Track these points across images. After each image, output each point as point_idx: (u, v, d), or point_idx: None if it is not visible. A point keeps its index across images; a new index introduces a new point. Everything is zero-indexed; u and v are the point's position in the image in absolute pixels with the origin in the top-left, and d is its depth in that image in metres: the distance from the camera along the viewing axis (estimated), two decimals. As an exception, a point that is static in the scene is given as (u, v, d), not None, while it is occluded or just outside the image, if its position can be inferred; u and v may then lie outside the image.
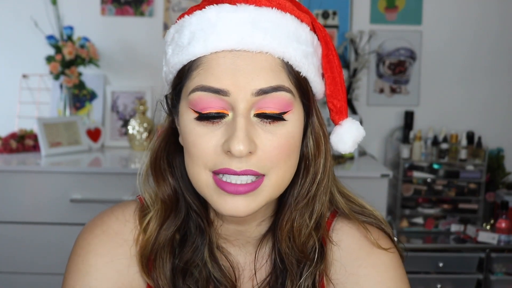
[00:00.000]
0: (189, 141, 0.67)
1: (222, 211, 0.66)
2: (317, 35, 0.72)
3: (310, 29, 0.70)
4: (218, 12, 0.65)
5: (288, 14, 0.68)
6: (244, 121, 0.64)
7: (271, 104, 0.65)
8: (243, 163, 0.64)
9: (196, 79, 0.66)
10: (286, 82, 0.66)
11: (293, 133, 0.67)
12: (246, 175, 0.65)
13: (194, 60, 0.66)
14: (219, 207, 0.66)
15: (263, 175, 0.66)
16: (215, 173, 0.66)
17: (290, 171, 0.69)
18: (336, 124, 0.74)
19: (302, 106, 0.70)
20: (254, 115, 0.65)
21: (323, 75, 0.73)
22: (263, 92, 0.64)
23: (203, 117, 0.65)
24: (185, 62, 0.67)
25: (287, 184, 0.71)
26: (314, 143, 0.73)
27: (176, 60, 0.68)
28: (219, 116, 0.65)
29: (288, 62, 0.67)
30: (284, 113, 0.66)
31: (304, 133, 0.72)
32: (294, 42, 0.67)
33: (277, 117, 0.66)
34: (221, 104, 0.64)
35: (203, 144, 0.65)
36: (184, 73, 0.68)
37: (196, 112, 0.66)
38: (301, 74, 0.68)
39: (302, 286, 0.72)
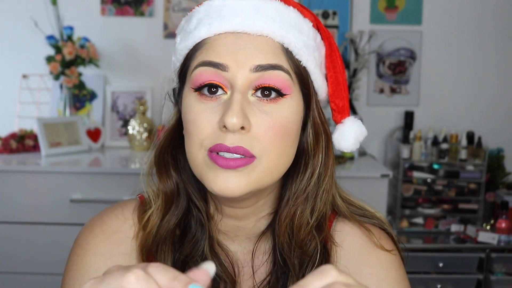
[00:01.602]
0: (189, 119, 0.68)
1: (213, 187, 0.67)
2: (321, 34, 0.73)
3: (313, 26, 0.72)
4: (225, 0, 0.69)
5: (291, 7, 0.71)
6: (241, 97, 0.65)
7: (269, 81, 0.67)
8: (236, 139, 0.65)
9: (199, 57, 0.69)
10: (285, 64, 0.68)
11: (289, 118, 0.68)
12: (237, 153, 0.65)
13: (199, 43, 0.70)
14: (211, 183, 0.67)
15: (254, 157, 0.66)
16: (210, 151, 0.67)
17: (284, 157, 0.69)
18: (338, 123, 0.74)
19: (302, 97, 0.71)
20: (252, 94, 0.67)
21: (326, 76, 0.74)
22: (261, 68, 0.66)
23: (202, 88, 0.67)
24: (190, 46, 0.71)
25: (282, 172, 0.71)
26: (314, 137, 0.73)
27: (183, 45, 0.72)
28: (217, 88, 0.67)
29: (288, 49, 0.69)
30: (283, 95, 0.67)
31: (304, 127, 0.73)
32: (295, 31, 0.69)
33: (276, 92, 0.67)
34: (220, 80, 0.67)
35: (200, 121, 0.67)
36: (188, 57, 0.71)
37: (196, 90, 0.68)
38: (301, 64, 0.70)
39: None
